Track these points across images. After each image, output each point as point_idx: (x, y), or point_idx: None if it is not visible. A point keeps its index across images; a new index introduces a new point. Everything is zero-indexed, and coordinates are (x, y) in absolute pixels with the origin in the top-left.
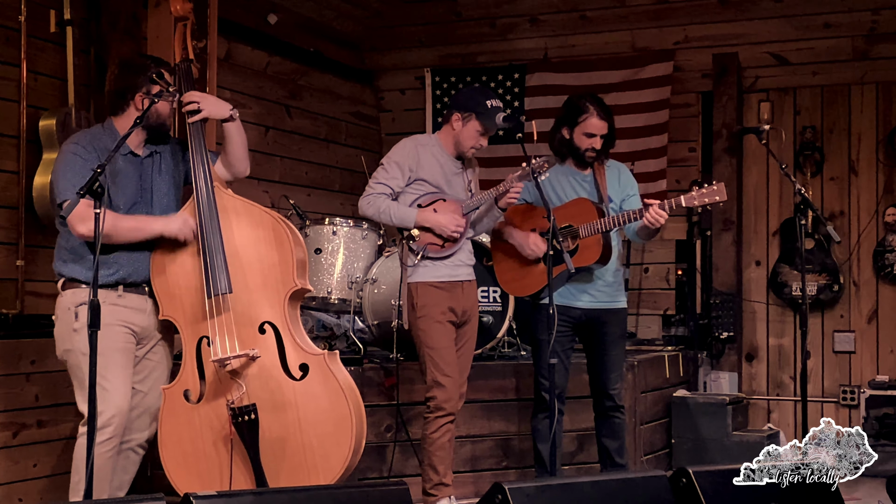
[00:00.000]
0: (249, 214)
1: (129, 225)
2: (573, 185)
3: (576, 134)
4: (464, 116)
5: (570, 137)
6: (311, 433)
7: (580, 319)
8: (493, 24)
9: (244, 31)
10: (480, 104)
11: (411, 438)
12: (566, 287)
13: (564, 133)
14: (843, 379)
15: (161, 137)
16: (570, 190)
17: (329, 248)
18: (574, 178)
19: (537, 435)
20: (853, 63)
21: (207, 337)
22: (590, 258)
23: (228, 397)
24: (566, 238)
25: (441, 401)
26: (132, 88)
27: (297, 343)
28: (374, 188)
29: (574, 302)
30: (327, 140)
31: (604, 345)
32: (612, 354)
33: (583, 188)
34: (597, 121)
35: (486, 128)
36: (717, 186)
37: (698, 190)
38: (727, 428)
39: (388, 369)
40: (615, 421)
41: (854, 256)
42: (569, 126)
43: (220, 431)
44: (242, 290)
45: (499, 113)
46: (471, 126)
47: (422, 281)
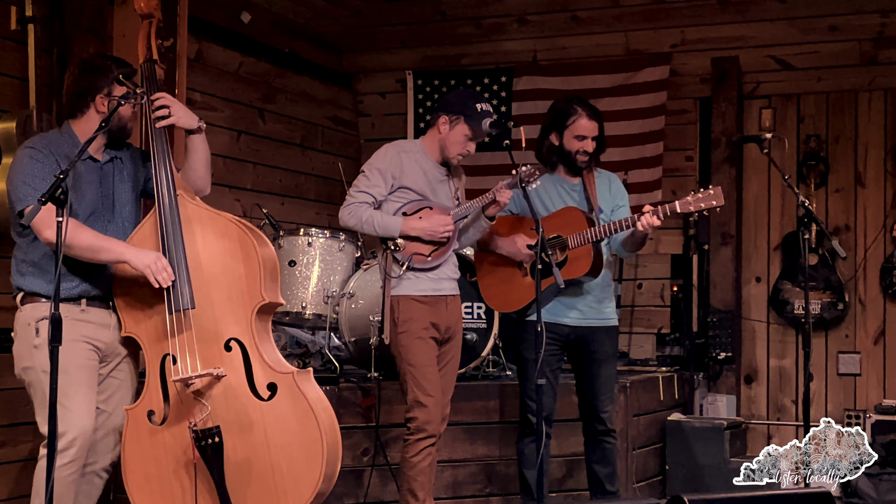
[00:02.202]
0: (214, 224)
1: (90, 242)
2: (561, 195)
3: (566, 138)
4: (451, 119)
5: (560, 143)
6: (280, 457)
7: (568, 337)
8: (478, 25)
9: (216, 30)
10: (470, 107)
11: (390, 463)
12: (554, 303)
13: (553, 139)
14: (847, 403)
15: (120, 142)
16: (558, 199)
17: (304, 261)
18: (563, 186)
19: (523, 460)
20: (860, 68)
21: (172, 355)
22: (579, 270)
23: (191, 419)
24: (554, 249)
25: (422, 422)
26: (93, 90)
27: (266, 361)
28: (356, 197)
29: (562, 319)
30: (303, 146)
31: (594, 364)
32: (602, 375)
33: (571, 197)
34: (586, 122)
35: (474, 132)
36: (713, 191)
37: (694, 195)
38: (724, 454)
39: (365, 389)
40: (606, 446)
41: (860, 273)
42: (557, 131)
43: (185, 455)
44: (206, 306)
45: (486, 118)
46: (458, 130)
47: (404, 294)
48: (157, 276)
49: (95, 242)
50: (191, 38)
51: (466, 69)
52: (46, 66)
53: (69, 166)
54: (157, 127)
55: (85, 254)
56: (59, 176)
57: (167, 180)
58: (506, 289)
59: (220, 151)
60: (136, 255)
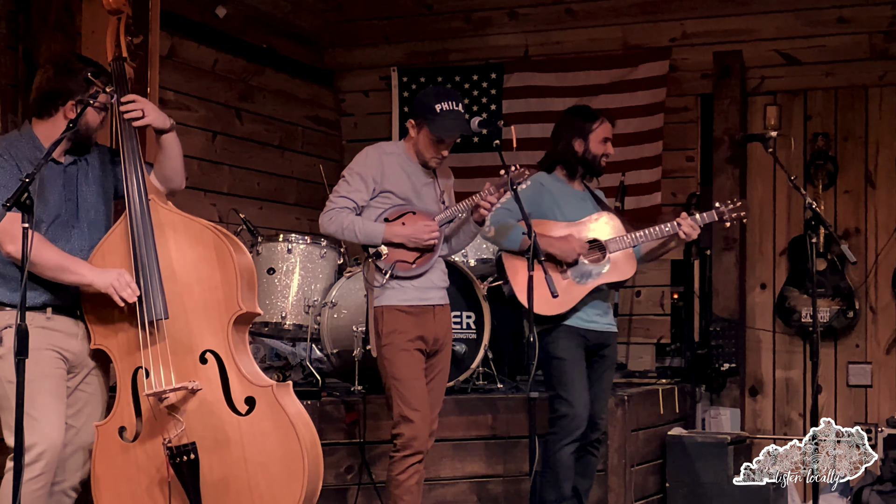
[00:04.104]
0: (188, 230)
1: (55, 261)
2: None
3: (592, 143)
4: (417, 123)
5: (586, 147)
6: (259, 474)
7: (589, 343)
8: (467, 18)
9: (190, 26)
10: (430, 108)
11: (375, 481)
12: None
13: (577, 146)
14: (858, 416)
15: (83, 148)
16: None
17: (283, 268)
18: (574, 194)
19: (561, 468)
20: (871, 62)
21: (144, 368)
22: (625, 273)
23: (165, 435)
24: (594, 253)
25: (409, 438)
26: (65, 94)
27: (243, 374)
28: (336, 202)
29: (590, 324)
30: (282, 147)
31: (601, 370)
32: (606, 380)
33: (585, 205)
34: (608, 124)
35: (438, 135)
36: (741, 202)
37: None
38: (728, 471)
39: (349, 403)
40: (591, 457)
41: (871, 279)
42: (581, 136)
43: (158, 473)
44: (180, 316)
45: (447, 119)
46: (424, 134)
47: (388, 304)
48: (121, 294)
49: (60, 262)
50: (163, 34)
51: (454, 65)
52: (12, 63)
53: (35, 170)
54: (130, 128)
55: (47, 272)
56: (25, 180)
57: (138, 184)
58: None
59: (194, 153)
60: (98, 276)
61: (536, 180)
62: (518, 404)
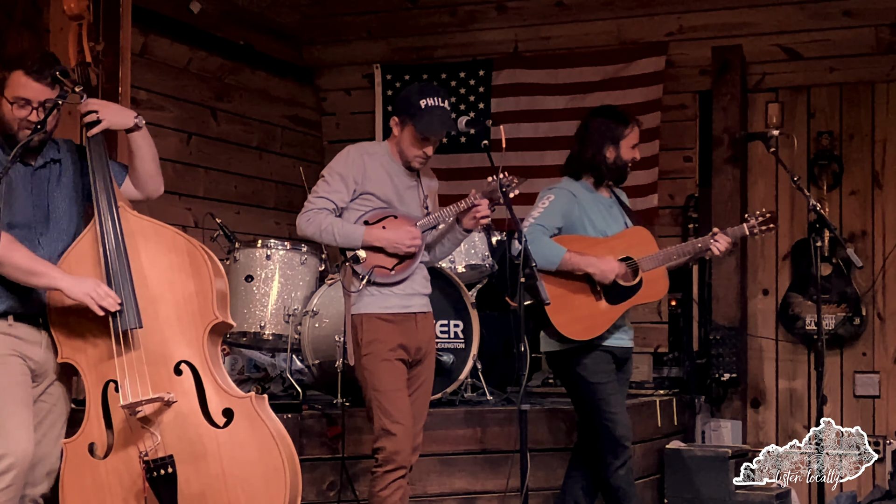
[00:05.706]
0: (160, 238)
1: (25, 263)
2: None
3: (623, 149)
4: (400, 121)
5: (617, 155)
6: (238, 488)
7: (617, 360)
8: (453, 13)
9: (163, 22)
10: (413, 104)
11: (358, 498)
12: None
13: (608, 153)
14: (865, 428)
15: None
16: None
17: (262, 276)
18: (602, 203)
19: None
20: (877, 57)
21: (115, 381)
22: (658, 292)
23: (141, 448)
24: (627, 272)
25: (391, 452)
26: None
27: (220, 385)
28: (315, 203)
29: (618, 342)
30: (260, 148)
31: (623, 386)
32: (623, 396)
33: (611, 213)
34: (638, 128)
35: (423, 133)
36: (770, 214)
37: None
38: (729, 485)
39: (331, 417)
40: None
41: (878, 284)
42: (613, 143)
43: (133, 488)
44: (154, 325)
45: (432, 116)
46: (407, 132)
47: (368, 312)
48: (101, 304)
49: (30, 265)
50: (135, 31)
51: (440, 62)
52: None
53: (2, 171)
54: (88, 135)
55: (16, 274)
56: None
57: (106, 192)
58: (583, 314)
59: (168, 155)
60: (72, 284)
61: (567, 190)
62: (508, 417)
